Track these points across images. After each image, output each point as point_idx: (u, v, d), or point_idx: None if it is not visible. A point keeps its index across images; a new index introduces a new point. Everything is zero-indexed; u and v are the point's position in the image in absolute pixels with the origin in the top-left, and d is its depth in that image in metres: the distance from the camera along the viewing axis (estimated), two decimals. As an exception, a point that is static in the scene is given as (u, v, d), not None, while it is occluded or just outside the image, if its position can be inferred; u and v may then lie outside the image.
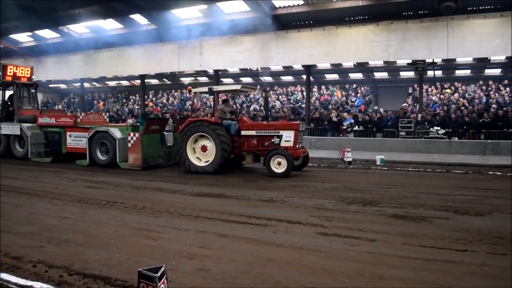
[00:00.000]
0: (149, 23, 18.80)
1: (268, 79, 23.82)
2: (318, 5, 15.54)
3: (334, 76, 23.27)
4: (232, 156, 10.69)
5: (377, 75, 22.34)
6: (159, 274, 2.48)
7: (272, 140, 10.27)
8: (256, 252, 4.42)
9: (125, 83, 27.95)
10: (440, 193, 7.66)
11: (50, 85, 28.02)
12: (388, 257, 4.23)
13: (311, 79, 18.92)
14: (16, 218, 5.88)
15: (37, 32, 21.50)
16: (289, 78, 23.98)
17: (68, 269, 3.89)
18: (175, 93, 25.63)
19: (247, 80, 24.28)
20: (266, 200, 7.16)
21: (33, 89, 15.22)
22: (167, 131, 13.07)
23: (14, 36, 22.22)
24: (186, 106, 22.46)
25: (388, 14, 15.17)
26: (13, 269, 3.91)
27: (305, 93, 18.04)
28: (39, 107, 16.19)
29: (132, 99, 25.84)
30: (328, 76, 23.38)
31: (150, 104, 14.57)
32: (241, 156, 10.90)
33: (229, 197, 7.49)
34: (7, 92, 14.70)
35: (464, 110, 14.78)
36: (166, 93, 26.08)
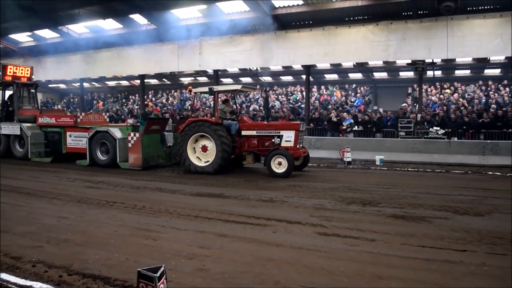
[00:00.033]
0: (149, 23, 18.79)
1: (268, 79, 23.82)
2: (318, 5, 15.53)
3: (334, 76, 23.26)
4: (233, 156, 10.69)
5: (377, 75, 22.34)
6: (159, 274, 2.48)
7: (273, 140, 10.26)
8: (256, 252, 4.42)
9: (125, 83, 27.94)
10: (440, 193, 7.67)
11: (50, 85, 28.00)
12: (388, 257, 4.23)
13: (311, 79, 18.92)
14: (15, 218, 5.87)
15: (37, 32, 21.46)
16: (289, 78, 23.97)
17: (68, 269, 3.89)
18: (175, 93, 25.63)
19: (247, 80, 24.28)
20: (266, 200, 7.16)
21: (33, 89, 15.21)
22: (167, 131, 13.07)
23: (14, 36, 22.19)
24: (186, 106, 22.48)
25: (388, 14, 15.17)
26: (13, 269, 3.91)
27: (305, 93, 18.04)
28: (39, 107, 16.18)
29: (132, 99, 25.84)
30: (328, 76, 23.38)
31: (150, 104, 14.55)
32: (242, 156, 10.88)
33: (229, 197, 7.49)
34: (7, 92, 14.69)
35: (464, 110, 14.78)
36: (166, 93, 26.08)
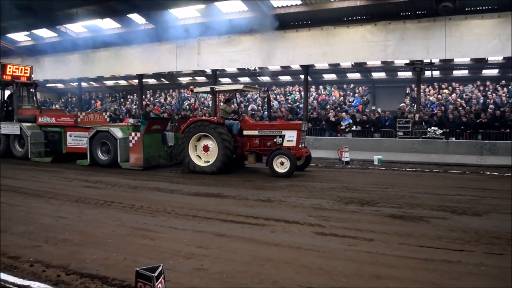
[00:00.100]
0: (147, 23, 18.75)
1: (266, 79, 23.83)
2: (316, 5, 15.53)
3: (332, 76, 23.27)
4: (234, 156, 10.65)
5: (375, 75, 22.36)
6: (157, 274, 2.48)
7: (275, 140, 10.23)
8: (254, 252, 4.42)
9: (123, 83, 27.89)
10: (438, 193, 7.69)
11: (48, 85, 27.92)
12: (386, 257, 4.24)
13: (309, 79, 18.93)
14: (14, 218, 5.86)
15: (35, 32, 21.37)
16: (287, 78, 23.97)
17: (66, 269, 3.88)
18: (173, 93, 25.61)
19: (245, 80, 24.25)
20: (264, 200, 7.16)
21: (33, 89, 15.14)
22: (166, 131, 13.03)
23: (11, 36, 22.11)
24: (184, 106, 22.46)
25: (386, 14, 15.18)
26: (10, 269, 3.90)
27: (303, 93, 18.04)
28: (39, 107, 16.12)
29: (130, 99, 25.81)
30: (326, 76, 23.39)
31: (148, 103, 14.52)
32: (243, 156, 10.84)
33: (227, 197, 7.48)
34: (6, 92, 14.63)
35: (462, 111, 14.81)
36: (164, 93, 26.06)
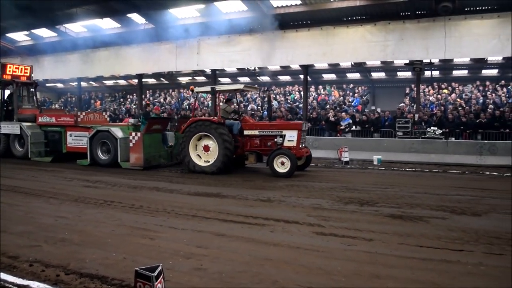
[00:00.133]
0: (147, 23, 18.73)
1: (266, 79, 23.83)
2: (316, 5, 15.53)
3: (332, 76, 23.27)
4: (235, 156, 10.64)
5: (375, 75, 22.36)
6: (156, 274, 2.48)
7: (275, 140, 10.21)
8: (253, 252, 4.42)
9: (123, 83, 27.88)
10: (437, 193, 7.69)
11: (47, 85, 27.89)
12: (385, 257, 4.24)
13: (309, 79, 18.92)
14: (13, 218, 5.85)
15: (34, 31, 21.36)
16: (287, 78, 23.96)
17: (65, 269, 3.88)
18: (173, 93, 25.60)
19: (244, 80, 24.24)
20: (264, 200, 7.16)
21: (33, 88, 15.13)
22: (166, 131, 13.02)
23: (11, 35, 22.09)
24: (184, 106, 22.45)
25: (386, 14, 15.19)
26: (10, 269, 3.90)
27: (303, 93, 18.03)
28: (39, 106, 16.10)
29: (130, 99, 25.79)
30: (326, 76, 23.39)
31: (148, 103, 14.52)
32: (244, 156, 10.82)
33: (227, 197, 7.48)
34: (6, 91, 14.61)
35: (461, 111, 14.83)
36: (164, 93, 26.06)
